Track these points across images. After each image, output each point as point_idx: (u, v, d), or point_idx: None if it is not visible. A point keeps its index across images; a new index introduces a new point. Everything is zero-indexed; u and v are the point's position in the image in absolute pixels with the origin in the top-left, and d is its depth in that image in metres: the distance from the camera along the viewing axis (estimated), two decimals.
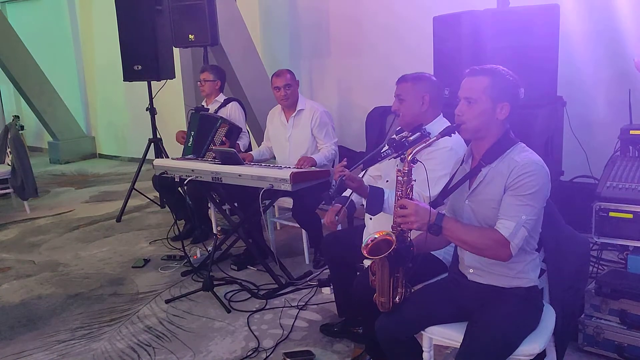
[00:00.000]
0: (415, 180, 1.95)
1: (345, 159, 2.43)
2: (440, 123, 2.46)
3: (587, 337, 2.53)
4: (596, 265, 3.00)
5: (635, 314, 2.43)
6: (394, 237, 1.88)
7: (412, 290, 2.03)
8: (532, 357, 1.84)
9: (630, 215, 2.56)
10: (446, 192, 1.98)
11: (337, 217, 2.52)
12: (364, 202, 2.41)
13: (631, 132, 2.83)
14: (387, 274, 1.92)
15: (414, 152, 1.88)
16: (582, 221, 2.88)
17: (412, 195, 1.92)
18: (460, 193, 1.95)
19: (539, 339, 1.85)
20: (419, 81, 2.46)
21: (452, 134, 1.91)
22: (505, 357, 1.79)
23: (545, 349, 1.91)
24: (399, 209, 1.87)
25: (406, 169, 1.90)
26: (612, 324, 2.49)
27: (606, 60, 3.87)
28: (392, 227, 1.93)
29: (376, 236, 1.92)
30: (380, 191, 2.36)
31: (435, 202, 1.97)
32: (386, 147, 2.37)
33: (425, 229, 1.82)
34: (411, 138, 2.30)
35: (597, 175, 3.73)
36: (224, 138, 4.04)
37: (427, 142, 1.89)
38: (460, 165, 2.02)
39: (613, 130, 3.19)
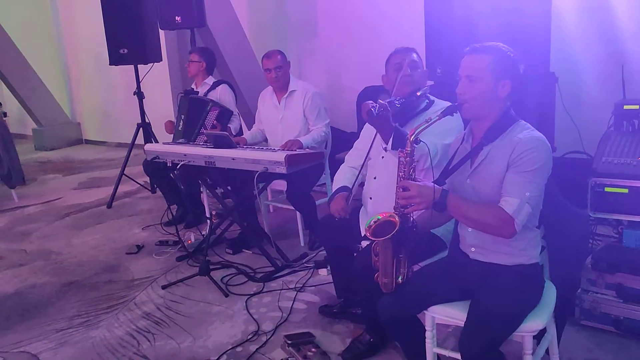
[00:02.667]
0: (417, 161, 1.95)
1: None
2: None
3: (584, 311, 2.57)
4: (592, 240, 3.03)
5: (632, 287, 2.47)
6: (397, 219, 1.87)
7: (413, 270, 2.03)
8: (534, 334, 1.85)
9: (625, 190, 2.57)
10: (447, 172, 1.97)
11: (347, 203, 2.50)
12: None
13: (625, 107, 2.83)
14: (390, 255, 1.92)
15: (416, 132, 1.87)
16: (574, 196, 2.89)
17: (414, 175, 1.91)
18: (462, 172, 1.95)
19: (542, 315, 1.87)
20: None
21: (455, 113, 1.90)
22: (509, 334, 1.81)
23: None
24: (401, 190, 1.86)
25: (408, 149, 1.89)
26: (608, 298, 2.52)
27: (599, 36, 3.86)
28: (394, 207, 1.92)
29: (379, 217, 1.92)
30: (405, 131, 2.22)
31: (437, 182, 1.96)
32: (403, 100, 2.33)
33: (430, 207, 1.82)
34: (419, 92, 2.26)
35: (589, 150, 3.76)
36: (215, 122, 4.00)
37: (429, 123, 1.87)
38: (461, 144, 2.01)
39: (605, 106, 3.20)
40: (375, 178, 2.57)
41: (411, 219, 1.93)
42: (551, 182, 1.97)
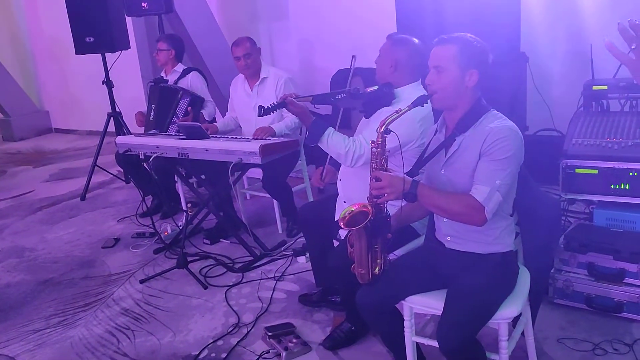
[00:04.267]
0: (389, 152, 1.95)
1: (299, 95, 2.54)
2: (412, 89, 2.44)
3: (557, 290, 2.63)
4: (564, 219, 3.09)
5: (602, 266, 2.53)
6: (370, 208, 1.88)
7: (390, 260, 2.04)
8: (509, 321, 1.89)
9: (595, 171, 2.63)
10: (421, 162, 1.99)
11: (322, 177, 2.59)
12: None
13: (594, 87, 2.87)
14: (365, 245, 1.93)
15: (386, 122, 1.87)
16: (547, 173, 2.95)
17: (386, 166, 1.92)
18: (436, 163, 1.97)
19: (516, 302, 1.90)
20: (398, 44, 2.44)
21: (425, 104, 1.90)
22: (484, 323, 1.84)
23: None
24: (374, 181, 1.87)
25: (379, 140, 1.89)
26: (580, 277, 2.58)
27: (567, 15, 3.89)
28: (367, 198, 1.93)
29: (353, 209, 1.92)
30: (324, 125, 2.38)
31: (411, 173, 1.97)
32: (343, 95, 2.43)
33: (401, 197, 1.83)
34: (368, 89, 2.41)
35: (560, 127, 3.82)
36: (189, 108, 3.94)
37: (400, 113, 1.87)
38: (435, 135, 2.02)
39: (575, 84, 3.24)
40: None
41: (385, 209, 1.93)
42: (523, 169, 1.99)
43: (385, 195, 1.84)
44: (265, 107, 2.48)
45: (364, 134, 2.40)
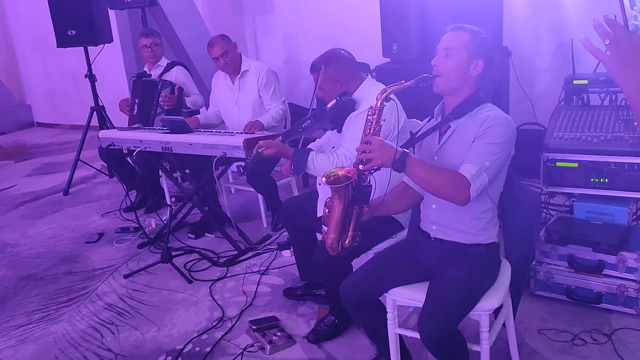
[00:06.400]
0: (385, 120, 1.94)
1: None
2: (367, 87, 2.50)
3: (538, 282, 2.67)
4: (545, 211, 3.13)
5: (582, 258, 2.57)
6: (354, 174, 1.84)
7: (359, 237, 1.95)
8: (490, 312, 1.92)
9: (575, 164, 2.66)
10: (412, 140, 2.01)
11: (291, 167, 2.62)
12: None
13: (574, 82, 2.90)
14: (341, 209, 1.87)
15: (389, 90, 1.88)
16: (529, 167, 2.98)
17: (379, 135, 1.91)
18: (429, 149, 1.99)
19: (497, 294, 1.92)
20: (327, 65, 2.49)
21: (423, 84, 1.90)
22: (465, 315, 1.87)
23: None
24: (365, 145, 1.83)
25: (377, 107, 1.89)
26: (561, 269, 2.62)
27: (549, 10, 3.93)
28: (354, 164, 1.90)
29: (339, 172, 1.87)
30: (305, 151, 2.43)
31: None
32: (308, 121, 2.45)
33: (389, 165, 1.81)
34: (329, 105, 2.43)
35: (542, 121, 3.86)
36: (176, 87, 3.92)
37: (403, 85, 1.88)
38: (429, 120, 2.06)
39: (556, 78, 3.28)
40: None
41: (367, 179, 1.89)
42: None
43: (372, 160, 1.80)
44: (244, 165, 2.53)
45: (344, 145, 2.43)
